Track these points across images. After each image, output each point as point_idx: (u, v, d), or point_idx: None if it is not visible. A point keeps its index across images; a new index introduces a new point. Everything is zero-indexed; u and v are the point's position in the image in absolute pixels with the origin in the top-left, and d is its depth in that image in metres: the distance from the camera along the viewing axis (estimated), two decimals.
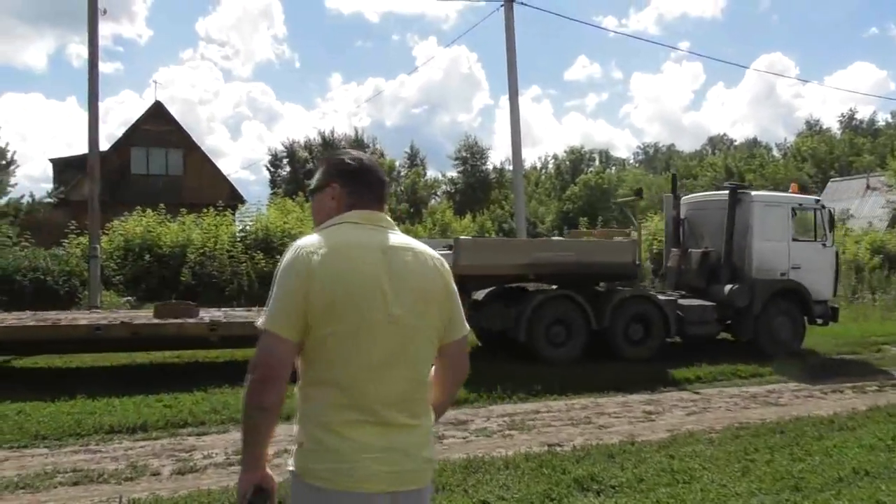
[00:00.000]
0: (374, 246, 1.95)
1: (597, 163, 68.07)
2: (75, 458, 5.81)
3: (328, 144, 59.35)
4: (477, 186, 52.04)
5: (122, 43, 67.80)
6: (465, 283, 10.46)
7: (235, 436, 6.58)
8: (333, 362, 1.87)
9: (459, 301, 2.10)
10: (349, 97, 77.50)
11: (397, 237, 2.03)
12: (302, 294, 1.83)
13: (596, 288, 11.42)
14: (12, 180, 23.97)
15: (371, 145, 58.60)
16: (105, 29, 18.46)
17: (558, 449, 6.11)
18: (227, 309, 11.56)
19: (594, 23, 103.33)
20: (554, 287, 11.04)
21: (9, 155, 23.93)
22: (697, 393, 8.97)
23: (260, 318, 1.87)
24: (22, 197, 22.92)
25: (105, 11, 15.28)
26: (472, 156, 54.28)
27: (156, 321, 9.40)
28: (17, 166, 25.80)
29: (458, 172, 54.38)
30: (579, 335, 10.65)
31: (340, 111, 75.53)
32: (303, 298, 1.82)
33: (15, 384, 8.34)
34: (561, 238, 16.60)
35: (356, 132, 58.25)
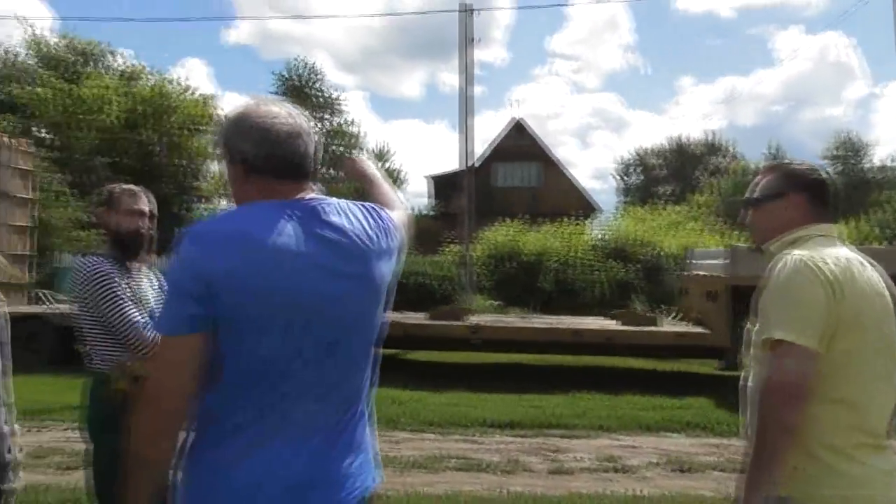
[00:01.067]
0: (855, 260, 1.84)
1: None
2: (460, 445, 6.42)
3: (681, 150, 57.60)
4: (855, 187, 45.79)
5: (484, 67, 74.54)
6: (746, 297, 9.56)
7: (602, 442, 6.69)
8: (847, 379, 1.76)
9: None
10: (701, 99, 74.15)
11: (855, 252, 1.90)
12: (830, 305, 1.72)
13: None
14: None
15: (727, 148, 55.47)
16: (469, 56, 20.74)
17: None
18: (502, 315, 12.12)
19: None
20: None
21: (401, 175, 27.83)
22: None
23: (775, 331, 1.74)
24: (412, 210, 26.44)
25: (479, 40, 16.88)
26: (848, 153, 47.98)
27: (425, 322, 10.35)
28: (407, 184, 29.86)
29: (835, 173, 48.35)
30: None
31: (691, 114, 72.57)
32: (830, 310, 1.72)
33: (404, 375, 9.57)
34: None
35: (710, 135, 55.52)
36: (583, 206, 28.47)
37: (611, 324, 10.77)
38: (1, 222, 11.63)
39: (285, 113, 1.54)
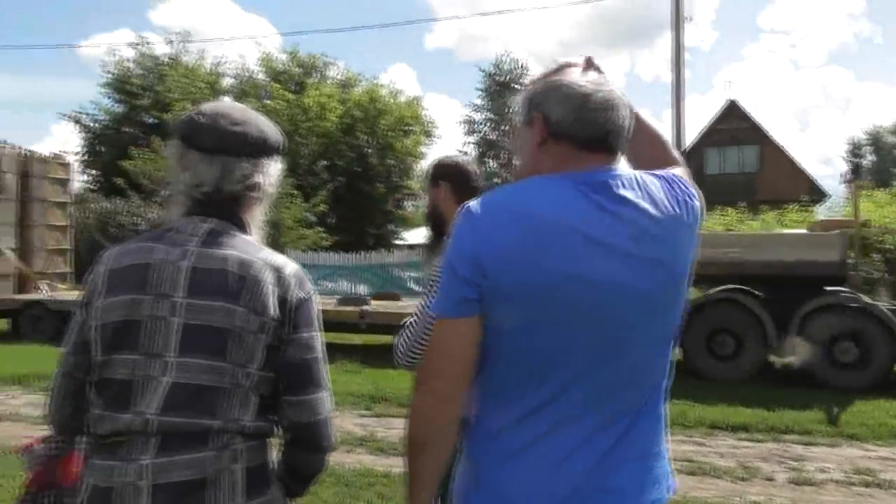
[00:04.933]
0: None
1: None
2: (684, 447, 6.06)
3: None
4: None
5: (689, 51, 70.98)
6: None
7: (848, 452, 6.00)
8: None
9: None
10: None
11: None
12: None
13: (791, 293, 8.99)
14: None
15: None
16: (671, 40, 19.15)
17: None
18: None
19: None
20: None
21: None
22: None
23: None
24: None
25: (691, 19, 16.06)
26: None
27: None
28: None
29: None
30: (753, 350, 8.88)
31: None
32: None
33: None
34: (732, 231, 14.38)
35: None
36: (808, 192, 26.01)
37: (392, 304, 11.83)
38: (40, 223, 14.26)
39: (606, 83, 1.39)
